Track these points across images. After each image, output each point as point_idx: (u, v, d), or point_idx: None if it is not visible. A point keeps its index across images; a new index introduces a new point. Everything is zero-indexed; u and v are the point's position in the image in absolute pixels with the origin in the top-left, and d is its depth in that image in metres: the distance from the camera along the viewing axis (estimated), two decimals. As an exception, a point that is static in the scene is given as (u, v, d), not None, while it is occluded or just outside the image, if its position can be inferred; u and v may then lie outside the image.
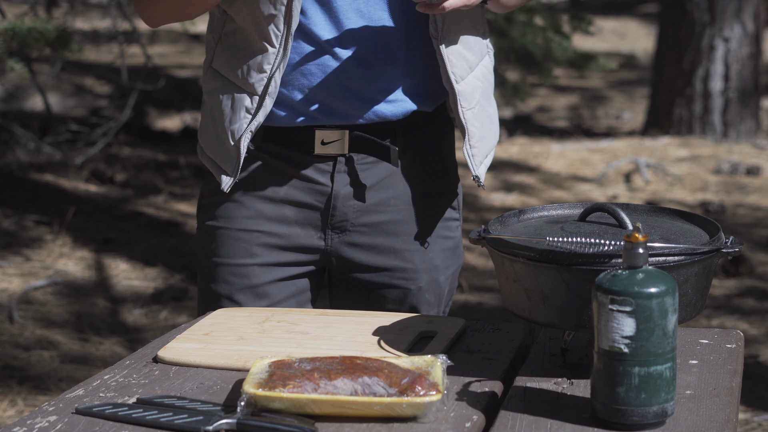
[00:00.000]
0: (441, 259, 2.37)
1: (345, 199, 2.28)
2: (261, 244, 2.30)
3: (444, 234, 2.37)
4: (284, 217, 2.30)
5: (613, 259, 1.75)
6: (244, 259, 2.30)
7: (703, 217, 1.96)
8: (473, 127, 2.29)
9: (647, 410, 1.63)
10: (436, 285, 2.37)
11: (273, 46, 2.19)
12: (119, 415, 1.70)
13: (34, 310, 4.85)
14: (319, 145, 2.25)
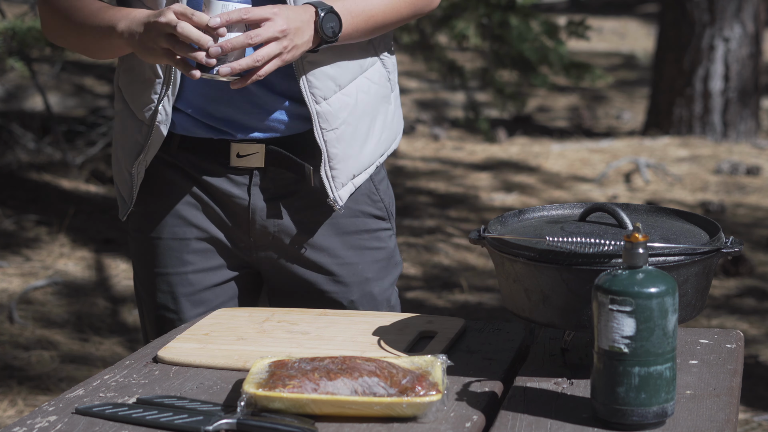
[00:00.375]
0: (373, 271, 2.31)
1: (263, 213, 2.25)
2: (192, 251, 2.27)
3: (373, 245, 2.31)
4: (210, 224, 2.27)
5: (613, 259, 1.75)
6: (177, 267, 2.28)
7: (703, 217, 1.96)
8: (334, 149, 2.21)
9: (647, 410, 1.63)
10: (371, 297, 2.32)
11: (158, 77, 2.18)
12: (119, 415, 1.70)
13: (34, 310, 4.85)
14: (234, 157, 2.22)
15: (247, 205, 2.25)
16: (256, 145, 2.22)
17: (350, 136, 2.23)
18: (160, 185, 2.28)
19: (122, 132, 2.28)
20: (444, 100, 9.23)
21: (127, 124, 2.26)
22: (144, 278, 2.33)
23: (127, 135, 2.26)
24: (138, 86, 2.23)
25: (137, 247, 2.34)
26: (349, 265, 2.29)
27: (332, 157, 2.22)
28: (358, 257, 2.30)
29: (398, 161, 7.49)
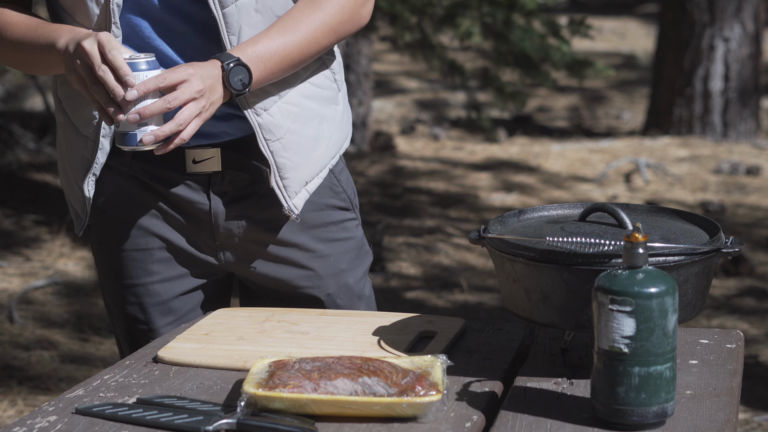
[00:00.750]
0: (346, 261, 2.30)
1: (225, 216, 2.22)
2: (156, 261, 2.24)
3: (342, 236, 2.30)
4: (172, 232, 2.24)
5: (613, 259, 1.75)
6: (143, 278, 2.25)
7: (703, 217, 1.96)
8: (282, 158, 2.18)
9: (647, 410, 1.63)
10: (347, 288, 2.30)
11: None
12: (119, 415, 1.70)
13: (34, 310, 4.85)
14: (190, 164, 2.18)
15: (209, 210, 2.21)
16: (211, 149, 2.18)
17: (296, 143, 2.19)
18: (117, 196, 2.23)
19: (67, 146, 2.24)
20: (444, 100, 9.24)
21: (71, 138, 2.22)
22: (111, 290, 2.29)
23: (72, 149, 2.22)
24: (79, 101, 2.18)
25: (101, 259, 2.30)
26: (322, 258, 2.28)
27: (281, 167, 2.18)
28: (330, 249, 2.28)
29: (398, 161, 7.49)
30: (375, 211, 6.32)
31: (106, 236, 2.27)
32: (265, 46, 2.09)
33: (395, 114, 8.73)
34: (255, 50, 2.09)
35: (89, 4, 2.08)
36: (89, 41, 1.99)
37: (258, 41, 2.09)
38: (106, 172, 2.22)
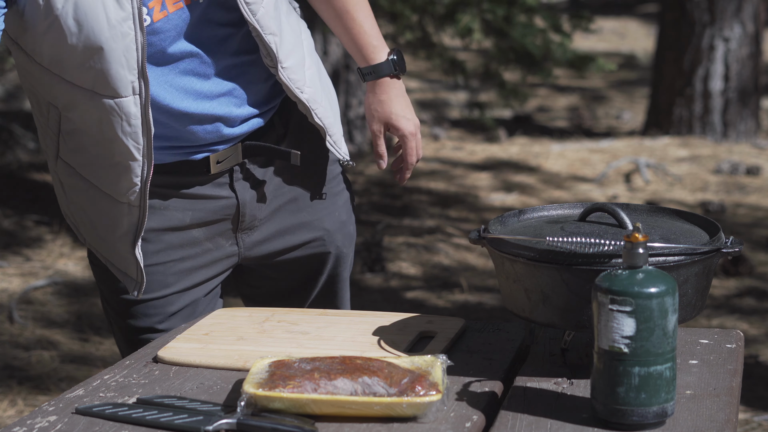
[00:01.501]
0: (345, 211, 2.39)
1: (252, 202, 2.27)
2: (175, 273, 2.25)
3: (340, 188, 2.38)
4: (193, 240, 2.25)
5: (613, 259, 1.75)
6: (161, 291, 2.25)
7: (703, 217, 1.96)
8: (327, 120, 2.28)
9: (647, 410, 1.63)
10: (350, 237, 2.41)
11: (135, 160, 2.09)
12: (119, 415, 1.70)
13: (34, 310, 4.84)
14: (214, 165, 2.22)
15: (235, 200, 2.25)
16: (232, 147, 2.22)
17: (326, 101, 2.29)
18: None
19: (96, 213, 2.19)
20: (444, 100, 9.23)
21: (102, 206, 2.17)
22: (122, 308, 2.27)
23: (110, 218, 2.18)
24: (108, 171, 2.14)
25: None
26: (330, 214, 2.36)
27: (328, 127, 2.28)
28: (334, 204, 2.37)
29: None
30: (375, 211, 6.32)
31: None
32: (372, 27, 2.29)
33: (395, 114, 8.72)
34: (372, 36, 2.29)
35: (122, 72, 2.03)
36: None
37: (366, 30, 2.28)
38: None
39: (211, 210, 2.25)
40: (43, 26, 1.99)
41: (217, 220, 2.26)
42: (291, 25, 2.25)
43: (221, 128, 2.19)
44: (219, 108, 2.18)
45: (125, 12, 1.99)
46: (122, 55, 2.00)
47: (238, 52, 2.18)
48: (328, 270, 2.39)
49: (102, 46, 1.99)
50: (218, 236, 2.27)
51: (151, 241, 2.22)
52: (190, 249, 2.25)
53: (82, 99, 2.05)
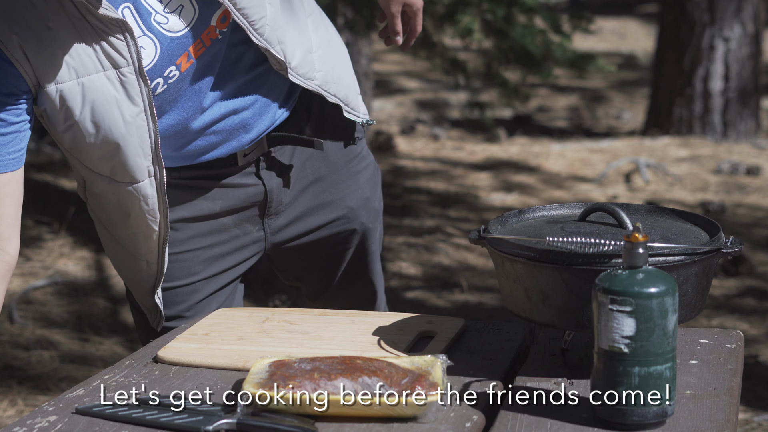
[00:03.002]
0: (369, 187, 2.43)
1: (278, 189, 2.31)
2: (203, 260, 2.30)
3: (362, 165, 2.42)
4: (222, 226, 2.31)
5: (613, 259, 1.75)
6: (188, 278, 2.30)
7: (703, 217, 1.96)
8: (341, 93, 2.32)
9: (647, 410, 1.63)
10: (374, 211, 2.45)
11: (153, 231, 2.19)
12: (119, 415, 1.70)
13: (34, 310, 4.84)
14: (241, 158, 2.28)
15: (263, 189, 2.30)
16: (257, 141, 2.29)
17: (339, 72, 2.33)
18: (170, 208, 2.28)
19: (122, 261, 2.29)
20: (444, 100, 9.23)
21: (126, 258, 2.26)
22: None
23: (132, 268, 2.27)
24: (127, 235, 2.23)
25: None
26: (353, 192, 2.40)
27: (344, 99, 2.32)
28: (357, 182, 2.41)
29: (398, 161, 7.49)
30: (375, 211, 6.31)
31: None
32: None
33: (395, 114, 8.72)
34: None
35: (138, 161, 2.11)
36: None
37: None
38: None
39: (241, 198, 2.29)
40: (63, 127, 2.07)
41: (246, 207, 2.31)
42: (295, 10, 2.28)
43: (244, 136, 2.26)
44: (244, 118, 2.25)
45: (138, 107, 2.07)
46: (138, 146, 2.09)
47: (253, 66, 2.23)
48: (355, 245, 2.43)
49: (119, 142, 2.08)
50: (246, 222, 2.32)
51: (180, 230, 2.28)
52: (218, 236, 2.30)
53: (101, 181, 2.15)
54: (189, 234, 2.29)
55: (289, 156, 2.32)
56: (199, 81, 2.16)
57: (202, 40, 2.12)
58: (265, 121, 2.27)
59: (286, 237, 2.36)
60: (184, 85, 2.15)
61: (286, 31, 2.23)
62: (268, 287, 5.24)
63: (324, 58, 2.32)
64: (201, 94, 2.18)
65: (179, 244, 2.28)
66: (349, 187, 2.40)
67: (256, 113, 2.25)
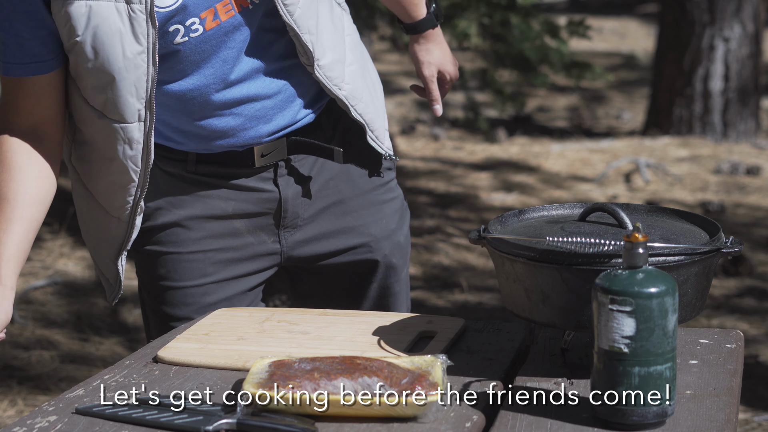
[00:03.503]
0: (395, 220, 2.40)
1: (294, 199, 2.29)
2: (215, 262, 2.29)
3: (389, 196, 2.39)
4: (235, 230, 2.29)
5: (613, 259, 1.75)
6: (200, 279, 2.29)
7: (703, 217, 1.96)
8: (368, 116, 2.31)
9: (647, 410, 1.63)
10: (399, 246, 2.40)
11: (132, 181, 2.18)
12: (119, 415, 1.70)
13: (34, 310, 4.85)
14: (258, 158, 2.26)
15: (278, 196, 2.28)
16: (277, 141, 2.27)
17: (369, 96, 2.33)
18: (177, 199, 2.28)
19: (92, 221, 2.27)
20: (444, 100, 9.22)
21: (96, 215, 2.25)
22: (159, 294, 2.31)
23: (100, 228, 2.26)
24: (105, 186, 2.22)
25: (152, 262, 2.32)
26: (376, 221, 2.36)
27: (369, 123, 2.31)
28: (381, 211, 2.37)
29: (398, 161, 7.49)
30: (375, 211, 6.30)
31: (163, 239, 2.29)
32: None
33: (395, 114, 8.72)
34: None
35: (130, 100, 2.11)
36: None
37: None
38: (164, 178, 2.26)
39: (253, 201, 2.28)
40: (68, 45, 2.08)
41: (259, 213, 2.29)
42: (333, 22, 2.28)
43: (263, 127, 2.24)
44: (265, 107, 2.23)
45: (141, 47, 2.07)
46: (132, 85, 2.09)
47: (283, 57, 2.23)
48: (378, 280, 2.38)
49: (115, 75, 2.08)
50: (260, 230, 2.30)
51: (193, 229, 2.27)
52: (231, 240, 2.29)
53: (92, 117, 2.14)
54: (201, 234, 2.28)
55: (310, 168, 2.30)
56: (225, 51, 2.15)
57: (232, 2, 2.12)
58: (285, 117, 2.25)
59: (303, 254, 2.33)
60: (208, 48, 2.14)
61: (320, 28, 2.22)
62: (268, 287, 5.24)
63: (355, 76, 2.30)
64: (226, 66, 2.17)
65: (191, 243, 2.28)
66: (374, 215, 2.36)
67: (277, 105, 2.24)
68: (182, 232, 2.27)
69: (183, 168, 2.26)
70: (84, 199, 2.27)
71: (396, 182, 2.44)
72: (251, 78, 2.21)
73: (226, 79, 2.18)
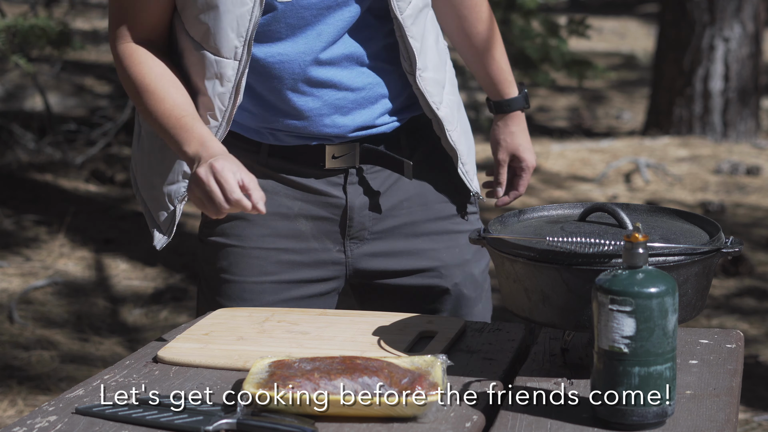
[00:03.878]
0: (470, 252, 2.35)
1: (360, 209, 2.26)
2: (277, 262, 2.27)
3: (467, 228, 2.35)
4: (300, 233, 2.27)
5: (613, 259, 1.75)
6: (260, 276, 2.26)
7: (703, 217, 1.96)
8: (461, 145, 2.30)
9: (647, 410, 1.63)
10: (473, 279, 2.36)
11: (216, 119, 2.17)
12: (119, 415, 1.70)
13: (34, 310, 4.85)
14: (329, 159, 2.24)
15: (344, 203, 2.26)
16: (350, 145, 2.24)
17: (463, 130, 2.32)
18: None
19: (161, 162, 2.24)
20: (444, 100, 9.23)
21: (168, 155, 2.23)
22: (218, 286, 2.29)
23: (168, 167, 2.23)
24: None
25: (215, 254, 2.29)
26: (449, 248, 2.33)
27: (461, 154, 2.29)
28: (456, 240, 2.33)
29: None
30: (375, 211, 6.30)
31: (228, 231, 2.27)
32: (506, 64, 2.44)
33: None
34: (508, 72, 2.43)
35: (230, 35, 2.12)
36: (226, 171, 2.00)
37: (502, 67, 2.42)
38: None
39: (320, 204, 2.25)
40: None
41: (324, 218, 2.26)
42: (438, 49, 2.28)
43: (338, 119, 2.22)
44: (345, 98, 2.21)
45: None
46: (235, 20, 2.10)
47: (379, 57, 2.22)
48: (449, 311, 2.34)
49: (219, 6, 2.09)
50: (325, 237, 2.27)
51: (257, 224, 2.26)
52: (295, 242, 2.26)
53: (189, 48, 2.16)
54: (265, 231, 2.25)
55: (381, 183, 2.27)
56: (324, 26, 2.14)
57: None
58: (363, 116, 2.23)
59: (369, 267, 2.29)
60: (308, 16, 2.13)
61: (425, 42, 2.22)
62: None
63: (452, 106, 2.29)
64: (319, 40, 2.15)
65: (255, 239, 2.26)
66: (446, 242, 2.32)
67: (358, 101, 2.21)
68: (246, 226, 2.25)
69: (255, 159, 2.24)
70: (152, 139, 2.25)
71: (478, 218, 2.39)
72: (341, 64, 2.19)
73: (317, 55, 2.17)
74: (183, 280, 5.24)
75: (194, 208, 6.50)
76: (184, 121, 2.11)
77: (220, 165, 2.01)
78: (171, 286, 5.12)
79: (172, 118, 2.12)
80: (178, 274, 5.33)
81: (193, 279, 5.23)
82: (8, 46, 5.06)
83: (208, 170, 2.01)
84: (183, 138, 2.10)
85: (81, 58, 9.57)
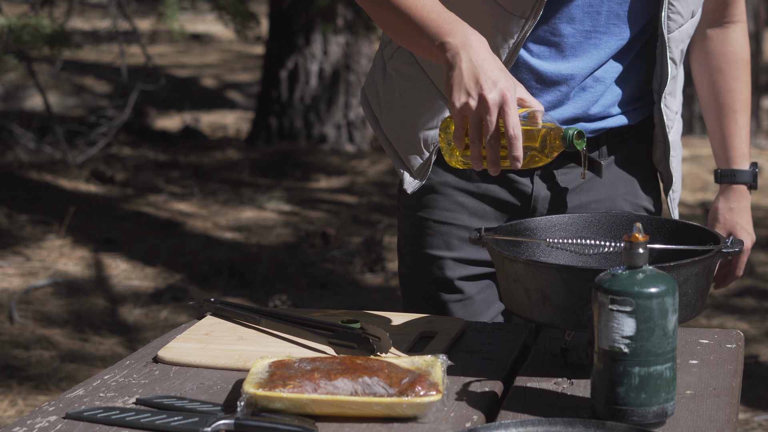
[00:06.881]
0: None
1: (545, 201, 2.24)
2: (459, 238, 2.25)
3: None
4: (484, 213, 2.25)
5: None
6: (440, 251, 2.25)
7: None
8: (676, 173, 2.26)
9: (647, 410, 1.63)
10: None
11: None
12: (111, 419, 1.69)
13: (34, 310, 4.85)
14: None
15: (530, 192, 2.23)
16: None
17: (677, 161, 2.27)
18: (438, 167, 2.23)
19: (415, 104, 2.20)
20: (444, 100, 9.24)
21: (423, 97, 2.18)
22: (407, 255, 2.30)
23: (423, 107, 2.19)
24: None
25: (406, 222, 2.30)
26: None
27: (675, 182, 2.25)
28: None
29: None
30: (375, 211, 6.32)
31: (419, 201, 2.27)
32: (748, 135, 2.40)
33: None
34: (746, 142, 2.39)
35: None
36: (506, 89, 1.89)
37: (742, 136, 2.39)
38: None
39: (505, 185, 2.22)
40: None
41: (507, 203, 2.23)
42: (677, 80, 2.23)
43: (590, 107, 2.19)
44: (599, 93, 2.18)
45: None
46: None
47: (621, 59, 2.17)
48: None
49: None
50: (506, 221, 2.23)
51: (445, 195, 2.24)
52: (478, 221, 2.24)
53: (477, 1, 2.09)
54: (451, 204, 2.24)
55: (570, 182, 2.23)
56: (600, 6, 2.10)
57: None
58: (577, 105, 2.17)
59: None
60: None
61: (680, 69, 2.19)
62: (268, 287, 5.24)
63: (677, 137, 2.25)
64: (589, 12, 2.10)
65: (440, 211, 2.24)
66: None
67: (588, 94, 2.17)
68: (434, 197, 2.24)
69: None
70: (413, 81, 2.19)
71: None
72: (591, 51, 2.14)
73: (588, 36, 2.12)
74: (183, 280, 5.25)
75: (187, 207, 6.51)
76: (441, 17, 1.98)
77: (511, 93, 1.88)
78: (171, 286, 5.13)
79: (433, 12, 1.99)
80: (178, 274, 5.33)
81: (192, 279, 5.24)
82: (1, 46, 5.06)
83: (498, 91, 1.87)
84: (443, 29, 1.95)
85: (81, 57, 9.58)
